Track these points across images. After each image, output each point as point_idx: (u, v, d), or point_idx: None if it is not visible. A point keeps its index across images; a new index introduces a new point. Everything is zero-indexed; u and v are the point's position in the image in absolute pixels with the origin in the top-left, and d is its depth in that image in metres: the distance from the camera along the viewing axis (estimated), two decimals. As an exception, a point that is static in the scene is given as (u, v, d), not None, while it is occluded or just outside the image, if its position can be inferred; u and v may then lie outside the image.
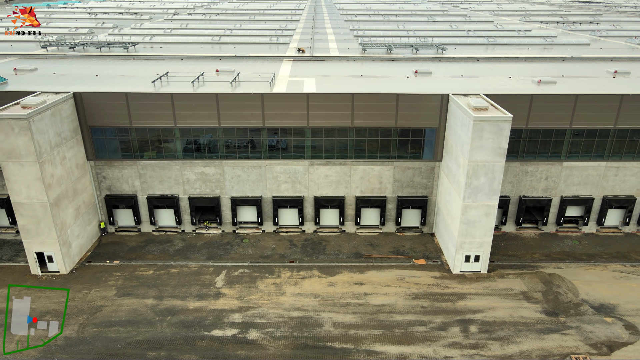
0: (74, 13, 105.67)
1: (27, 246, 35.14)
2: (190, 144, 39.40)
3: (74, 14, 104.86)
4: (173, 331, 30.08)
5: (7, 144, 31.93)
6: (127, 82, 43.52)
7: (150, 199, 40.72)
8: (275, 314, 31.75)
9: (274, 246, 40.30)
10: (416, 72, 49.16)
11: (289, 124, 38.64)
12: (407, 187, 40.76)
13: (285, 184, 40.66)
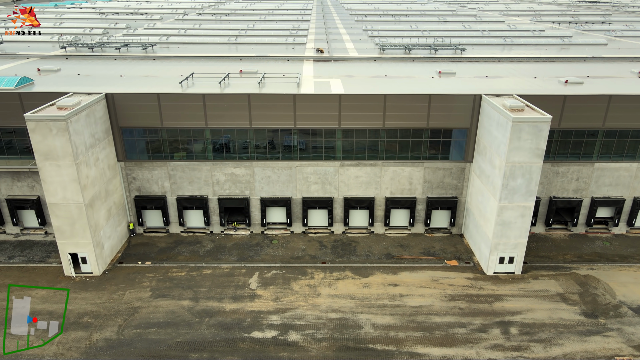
0: (84, 13, 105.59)
1: (62, 247, 35.10)
2: (220, 145, 39.37)
3: (84, 14, 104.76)
4: (213, 333, 30.02)
5: (45, 145, 31.89)
6: (153, 82, 43.46)
7: (180, 200, 40.65)
8: (313, 315, 31.67)
9: (304, 247, 40.22)
10: (440, 73, 49.06)
11: (320, 124, 38.55)
12: (437, 188, 40.66)
13: (315, 185, 40.57)
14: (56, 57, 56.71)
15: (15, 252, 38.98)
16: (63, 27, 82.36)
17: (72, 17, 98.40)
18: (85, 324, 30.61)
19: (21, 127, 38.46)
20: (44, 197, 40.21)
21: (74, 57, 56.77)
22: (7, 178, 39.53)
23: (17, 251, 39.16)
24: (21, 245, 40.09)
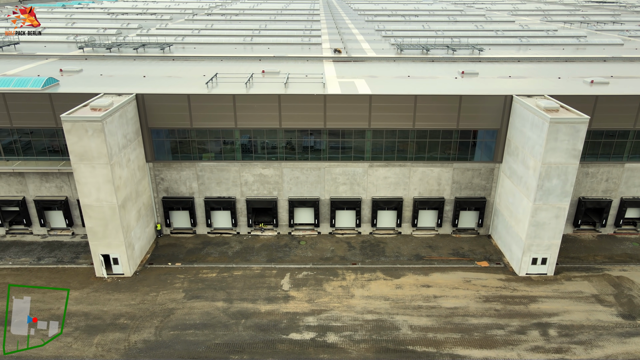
0: (93, 13, 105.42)
1: (94, 248, 35.02)
2: (249, 146, 39.29)
3: (93, 14, 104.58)
4: (250, 334, 29.93)
5: (80, 146, 31.82)
6: (178, 83, 43.38)
7: (208, 201, 40.56)
8: (349, 317, 31.58)
9: (333, 248, 40.13)
10: (463, 73, 48.94)
11: (349, 125, 38.47)
12: (465, 188, 40.55)
13: (343, 186, 40.47)
14: (75, 58, 56.64)
15: (44, 253, 38.92)
16: (76, 27, 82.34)
17: (82, 17, 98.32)
18: (122, 326, 30.56)
19: (50, 127, 38.59)
20: (72, 198, 40.31)
21: (93, 58, 56.71)
22: (35, 179, 39.47)
23: (46, 252, 39.11)
24: (49, 246, 40.03)
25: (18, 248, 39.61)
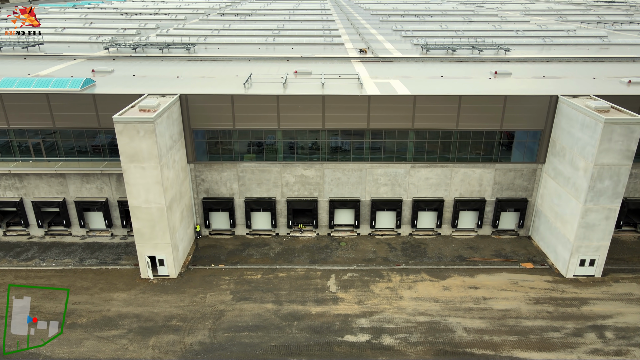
0: (106, 13, 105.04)
1: (140, 250, 34.88)
2: (291, 146, 39.14)
3: (107, 14, 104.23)
4: (305, 336, 29.77)
5: (131, 147, 31.67)
6: (213, 83, 43.25)
7: (248, 202, 40.39)
8: (401, 318, 31.41)
9: (374, 249, 39.95)
10: (495, 73, 48.77)
11: (392, 126, 38.29)
12: (506, 189, 40.35)
13: (384, 187, 40.29)
14: (103, 58, 56.52)
15: (86, 254, 38.79)
16: (94, 27, 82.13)
17: (97, 17, 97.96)
18: (174, 327, 30.41)
19: (92, 128, 38.48)
20: (112, 199, 40.19)
21: (121, 58, 56.56)
22: (76, 180, 39.34)
23: (87, 253, 38.98)
24: (89, 247, 39.90)
25: (59, 249, 39.51)
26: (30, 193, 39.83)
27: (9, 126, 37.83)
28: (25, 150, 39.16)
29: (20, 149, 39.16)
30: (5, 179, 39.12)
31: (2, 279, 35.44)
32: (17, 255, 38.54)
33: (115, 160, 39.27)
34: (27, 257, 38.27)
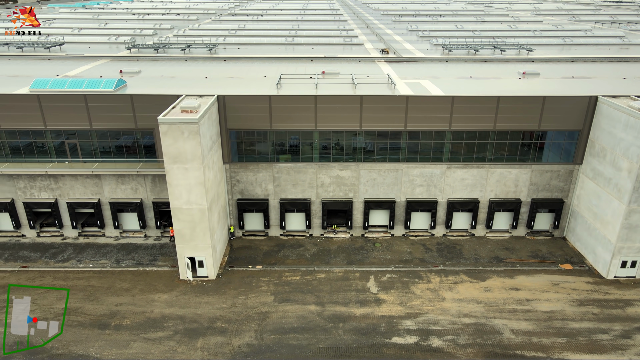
0: (118, 14, 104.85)
1: (180, 251, 34.74)
2: (327, 147, 38.99)
3: (118, 14, 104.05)
4: (352, 338, 29.63)
5: (175, 148, 31.55)
6: (243, 83, 43.21)
7: (283, 203, 40.25)
8: (446, 320, 31.27)
9: (409, 250, 39.80)
10: (524, 74, 48.61)
11: (430, 126, 38.12)
12: (542, 190, 40.17)
13: (420, 188, 40.14)
14: (127, 59, 56.43)
15: (121, 255, 38.68)
16: (109, 27, 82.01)
17: (109, 17, 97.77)
18: (220, 329, 30.28)
19: (129, 129, 38.37)
20: (147, 200, 40.08)
21: (145, 59, 56.49)
22: (111, 181, 39.22)
23: (123, 254, 38.87)
24: (124, 248, 39.80)
25: (94, 250, 39.41)
26: (65, 194, 39.73)
27: (45, 127, 37.74)
28: (61, 151, 39.11)
29: (56, 149, 39.13)
30: (41, 180, 39.03)
31: (41, 280, 35.35)
32: (53, 257, 38.45)
33: (150, 161, 39.23)
34: (64, 258, 38.17)
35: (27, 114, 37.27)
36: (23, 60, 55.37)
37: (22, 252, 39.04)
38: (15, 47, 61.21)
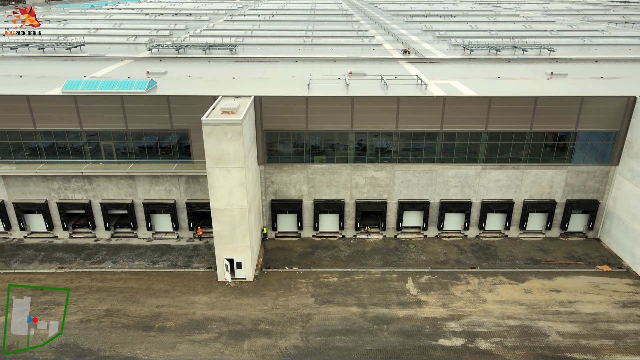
0: (128, 14, 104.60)
1: (219, 252, 34.60)
2: (362, 148, 38.86)
3: (128, 14, 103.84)
4: (399, 340, 29.48)
5: (217, 150, 31.40)
6: (273, 84, 43.15)
7: (317, 204, 40.11)
8: (490, 322, 31.10)
9: (444, 251, 39.65)
10: (552, 74, 48.50)
11: (466, 127, 37.97)
12: (577, 191, 40.01)
13: (454, 189, 39.98)
14: (149, 59, 56.35)
15: (156, 257, 38.54)
16: (124, 28, 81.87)
17: (121, 18, 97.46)
18: (265, 331, 30.14)
19: (164, 130, 38.25)
20: (180, 201, 39.96)
21: (167, 59, 56.43)
22: (145, 182, 39.10)
23: (157, 256, 38.73)
24: (158, 249, 39.66)
25: (128, 251, 39.28)
26: (98, 195, 39.61)
27: (81, 128, 37.64)
28: (95, 152, 39.01)
29: (91, 151, 39.02)
30: (75, 181, 38.92)
31: (79, 282, 35.21)
32: (88, 258, 38.34)
33: (185, 162, 39.14)
34: (99, 260, 38.06)
35: (63, 115, 37.17)
36: (46, 61, 55.28)
37: (56, 253, 38.96)
38: (36, 48, 61.21)
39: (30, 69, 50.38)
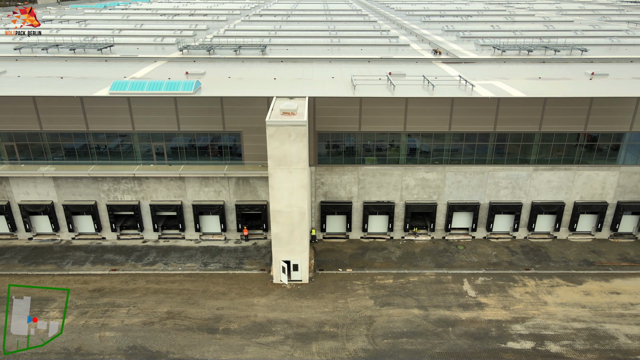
0: (143, 14, 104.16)
1: (276, 254, 34.40)
2: (414, 149, 38.66)
3: (144, 15, 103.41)
4: (467, 343, 29.25)
5: (280, 151, 31.22)
6: (315, 85, 42.98)
7: (367, 205, 39.93)
8: (556, 325, 30.85)
9: (495, 253, 39.43)
10: (592, 74, 48.29)
11: (519, 128, 37.74)
12: (629, 192, 39.74)
13: (505, 190, 39.76)
14: (183, 60, 56.20)
15: (207, 259, 38.36)
16: (145, 29, 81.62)
17: (138, 19, 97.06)
18: (330, 334, 29.93)
19: (216, 131, 38.11)
20: (229, 202, 39.79)
21: (200, 60, 56.29)
22: (195, 183, 38.92)
23: (207, 257, 38.53)
24: (207, 251, 39.47)
25: (178, 253, 39.10)
26: (148, 197, 39.45)
27: (133, 129, 37.51)
28: (146, 154, 38.84)
29: (141, 152, 38.87)
30: (125, 183, 38.76)
31: (135, 284, 35.03)
32: (139, 259, 38.18)
33: (235, 163, 38.98)
34: (150, 262, 37.89)
35: (116, 117, 37.03)
36: (81, 61, 55.11)
37: (106, 255, 38.80)
38: (67, 49, 61.16)
39: (68, 70, 50.19)
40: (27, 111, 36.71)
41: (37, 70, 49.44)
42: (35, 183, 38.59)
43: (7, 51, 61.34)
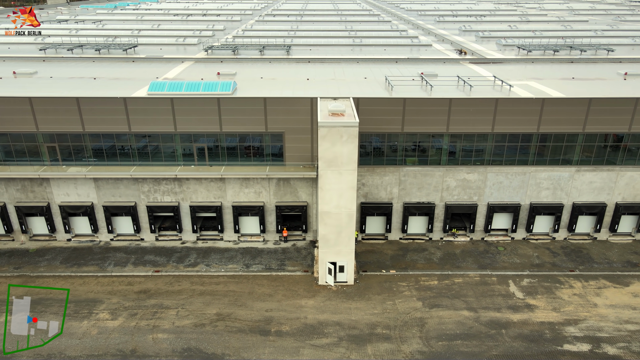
0: (156, 15, 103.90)
1: (323, 256, 34.22)
2: (455, 150, 38.49)
3: (156, 15, 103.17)
4: (523, 345, 29.04)
5: (331, 152, 31.02)
6: (348, 85, 42.83)
7: (407, 206, 39.76)
8: (609, 327, 30.64)
9: (536, 254, 39.22)
10: (626, 74, 48.09)
11: (562, 129, 37.56)
12: (671, 193, 39.72)
13: (546, 191, 39.56)
14: (210, 60, 56.08)
15: (247, 260, 38.16)
16: (162, 29, 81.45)
17: (153, 19, 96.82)
18: (384, 336, 29.75)
19: (257, 132, 37.94)
20: (269, 203, 39.62)
21: (228, 60, 56.21)
22: (235, 184, 38.76)
23: (248, 259, 38.34)
24: (247, 252, 39.30)
25: (218, 254, 38.94)
26: (187, 198, 39.31)
27: (175, 131, 37.36)
28: (187, 155, 38.68)
29: (184, 153, 38.72)
30: (165, 184, 38.62)
31: (179, 285, 34.87)
32: (180, 261, 38.03)
33: (276, 164, 38.82)
34: (191, 263, 37.74)
35: (159, 117, 36.88)
36: (109, 62, 54.98)
37: (146, 256, 38.66)
38: (92, 49, 61.09)
39: (99, 70, 50.04)
40: (70, 112, 36.58)
41: (67, 71, 49.29)
42: (76, 184, 38.47)
43: (32, 51, 61.23)
